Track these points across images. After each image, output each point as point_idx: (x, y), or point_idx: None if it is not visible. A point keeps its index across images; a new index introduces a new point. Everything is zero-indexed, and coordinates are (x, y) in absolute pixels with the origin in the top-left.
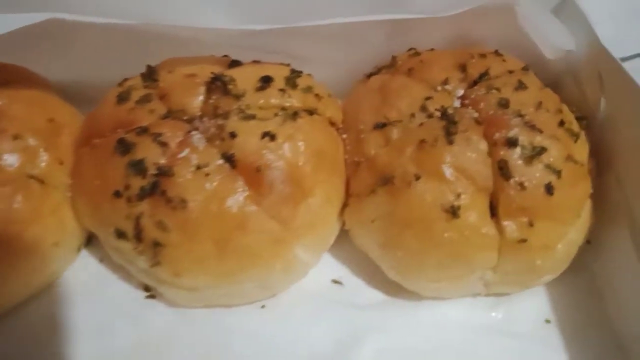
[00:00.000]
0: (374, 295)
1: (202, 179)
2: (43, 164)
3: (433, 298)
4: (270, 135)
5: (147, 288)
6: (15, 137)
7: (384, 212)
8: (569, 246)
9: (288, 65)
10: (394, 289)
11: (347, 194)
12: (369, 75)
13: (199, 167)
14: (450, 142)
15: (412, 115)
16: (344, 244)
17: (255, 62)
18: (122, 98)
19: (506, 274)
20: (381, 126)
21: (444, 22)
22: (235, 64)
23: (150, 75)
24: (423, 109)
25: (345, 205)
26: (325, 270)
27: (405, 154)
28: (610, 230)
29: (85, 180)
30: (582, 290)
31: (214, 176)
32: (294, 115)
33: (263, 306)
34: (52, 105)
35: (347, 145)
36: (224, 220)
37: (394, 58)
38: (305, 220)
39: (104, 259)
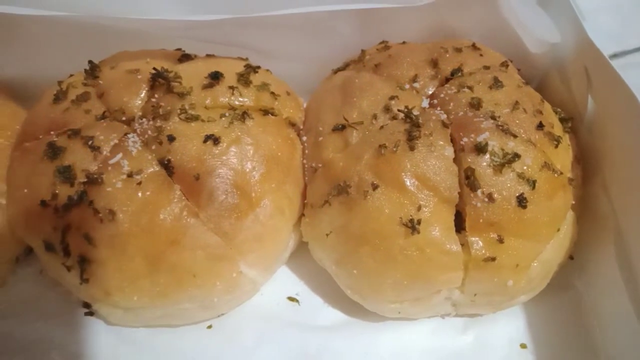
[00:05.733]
0: (333, 315)
1: (134, 188)
2: None
3: (397, 319)
4: (213, 139)
5: (85, 304)
6: None
7: (338, 226)
8: (546, 264)
9: (246, 59)
10: (356, 308)
11: (304, 203)
12: (336, 71)
13: (130, 175)
14: (412, 148)
15: (374, 116)
16: (303, 257)
17: (209, 56)
18: (59, 97)
19: (475, 295)
20: (340, 128)
21: (421, 13)
22: (185, 58)
23: (92, 71)
24: (387, 109)
25: (302, 216)
26: (280, 286)
27: (362, 160)
28: (595, 245)
29: (16, 187)
30: (562, 310)
31: (146, 185)
32: (243, 115)
33: (209, 326)
34: None
35: (307, 149)
36: (156, 234)
37: (363, 52)
38: (252, 234)
39: (44, 270)
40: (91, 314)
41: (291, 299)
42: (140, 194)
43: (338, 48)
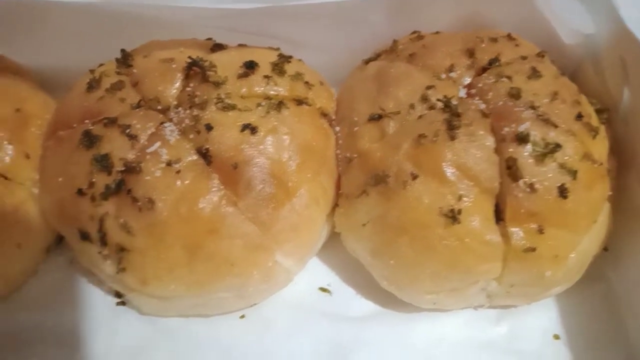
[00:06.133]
0: (366, 305)
1: (173, 177)
2: (7, 158)
3: (431, 310)
4: (250, 128)
5: (118, 294)
6: None
7: (375, 216)
8: (582, 255)
9: (277, 49)
10: (388, 299)
11: (338, 193)
12: (367, 61)
13: (169, 164)
14: (453, 138)
15: (412, 106)
16: (334, 247)
17: (241, 45)
18: (92, 86)
19: (511, 286)
20: (377, 118)
21: (453, 3)
22: (218, 47)
23: (124, 60)
24: (424, 99)
25: (336, 206)
26: (312, 276)
27: (401, 150)
28: (630, 237)
29: (50, 176)
30: (596, 302)
31: (185, 173)
32: (279, 105)
33: (242, 316)
34: (22, 94)
35: (340, 139)
36: (195, 223)
37: (395, 42)
38: (288, 224)
39: (75, 260)
40: (123, 303)
41: (323, 289)
42: (179, 183)
43: (367, 38)
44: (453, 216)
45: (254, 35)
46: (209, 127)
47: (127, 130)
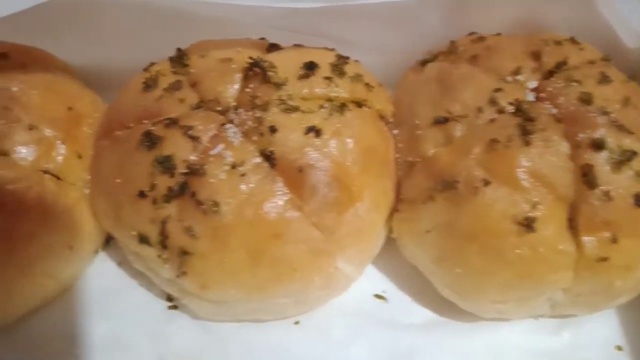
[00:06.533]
0: (423, 313)
1: (237, 180)
2: (60, 158)
3: (491, 319)
4: (315, 131)
5: (169, 298)
6: (31, 128)
7: (442, 222)
8: None
9: (333, 50)
10: (445, 307)
11: (397, 198)
12: (423, 62)
13: (233, 166)
14: (527, 143)
15: (480, 109)
16: (389, 253)
17: (297, 45)
18: (149, 85)
19: (578, 295)
20: (442, 121)
21: (509, 3)
22: (274, 47)
23: (179, 59)
24: (492, 102)
25: (394, 211)
26: (366, 283)
27: (471, 155)
28: None
29: (105, 177)
30: None
31: (250, 176)
32: (342, 107)
33: (297, 322)
34: (72, 93)
35: (399, 143)
36: (260, 227)
37: (452, 43)
38: (352, 229)
39: (124, 263)
40: (175, 307)
41: (378, 296)
42: (244, 186)
43: (420, 39)
44: (528, 224)
45: (304, 34)
46: (273, 130)
47: (189, 132)
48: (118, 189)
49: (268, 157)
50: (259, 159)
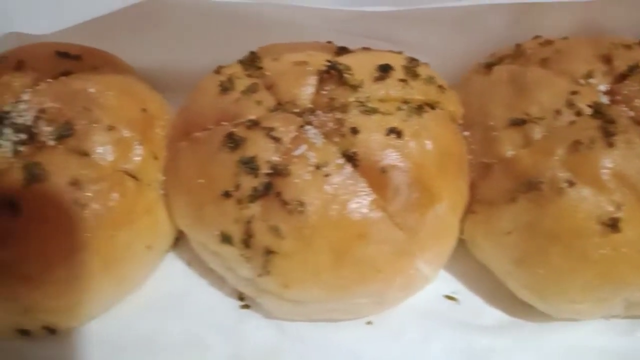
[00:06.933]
0: (495, 314)
1: (322, 180)
2: (137, 159)
3: (564, 320)
4: (396, 132)
5: (241, 297)
6: (110, 128)
7: (523, 223)
8: None
9: (400, 52)
10: (517, 308)
11: (472, 199)
12: (488, 65)
13: (317, 167)
14: (610, 145)
15: (557, 111)
16: (457, 254)
17: (365, 48)
18: (226, 87)
19: None
20: (519, 123)
21: (575, 8)
22: (343, 50)
23: (252, 62)
24: (570, 104)
25: (469, 212)
26: (437, 284)
27: (554, 157)
28: None
29: (185, 177)
30: None
31: (334, 177)
32: (419, 109)
33: (369, 322)
34: (144, 94)
35: (471, 144)
36: (344, 227)
37: (518, 46)
38: (432, 230)
39: (192, 263)
40: (247, 306)
41: (449, 297)
42: (328, 186)
43: (481, 42)
44: (613, 225)
45: (368, 38)
46: (355, 131)
47: (272, 133)
48: (200, 189)
49: (350, 158)
50: (341, 160)
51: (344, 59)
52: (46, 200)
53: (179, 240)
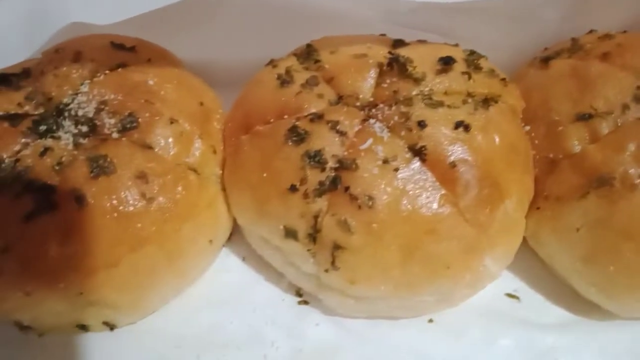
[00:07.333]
0: (558, 312)
1: (391, 175)
2: (197, 153)
3: (629, 319)
4: (464, 126)
5: (299, 293)
6: (172, 122)
7: (594, 220)
8: None
9: (457, 45)
10: (579, 306)
11: (537, 195)
12: (545, 59)
13: (385, 161)
14: None
15: (625, 106)
16: (517, 252)
17: (421, 41)
18: (285, 80)
19: None
20: (586, 118)
21: (630, 1)
22: (399, 43)
23: (309, 55)
24: (637, 99)
25: (533, 209)
26: (497, 281)
27: (626, 152)
28: None
29: (247, 172)
30: None
31: (403, 171)
32: (485, 102)
33: (430, 320)
34: (199, 88)
35: (534, 139)
36: (414, 222)
37: (575, 40)
38: (501, 226)
39: (248, 258)
40: (305, 302)
41: (510, 295)
42: (397, 181)
43: (534, 36)
44: None
45: (418, 30)
46: (422, 125)
47: (337, 127)
48: (264, 183)
49: (418, 152)
50: (408, 154)
51: (402, 52)
52: (112, 192)
53: (232, 235)
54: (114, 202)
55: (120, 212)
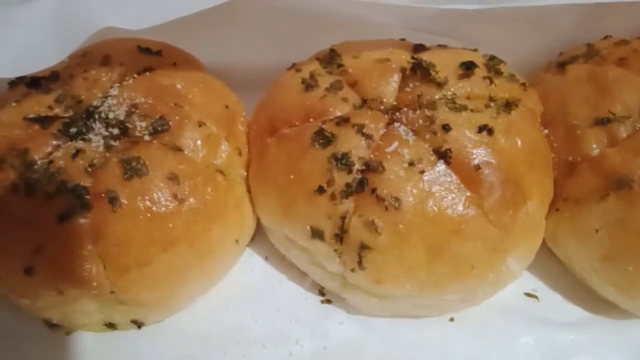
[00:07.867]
0: (576, 311)
1: (417, 177)
2: (224, 155)
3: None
4: (487, 129)
5: (322, 292)
6: (200, 124)
7: (613, 221)
8: None
9: (476, 50)
10: (597, 305)
11: (557, 197)
12: (561, 64)
13: (411, 163)
14: None
15: None
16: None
17: (441, 46)
18: (309, 85)
19: None
20: (604, 122)
21: None
22: (420, 48)
23: (332, 59)
24: None
25: (552, 210)
26: (516, 281)
27: None
28: None
29: (274, 173)
30: None
31: (429, 173)
32: (507, 106)
33: (451, 319)
34: (224, 91)
35: (553, 142)
36: (440, 223)
37: (590, 46)
38: (524, 227)
39: (269, 256)
40: (329, 301)
41: (529, 294)
42: (423, 183)
43: (552, 42)
44: None
45: (437, 36)
46: (447, 128)
47: (363, 130)
48: (290, 185)
49: (443, 154)
50: (433, 157)
51: (423, 56)
52: (145, 193)
53: (255, 235)
54: (147, 203)
55: (153, 212)
